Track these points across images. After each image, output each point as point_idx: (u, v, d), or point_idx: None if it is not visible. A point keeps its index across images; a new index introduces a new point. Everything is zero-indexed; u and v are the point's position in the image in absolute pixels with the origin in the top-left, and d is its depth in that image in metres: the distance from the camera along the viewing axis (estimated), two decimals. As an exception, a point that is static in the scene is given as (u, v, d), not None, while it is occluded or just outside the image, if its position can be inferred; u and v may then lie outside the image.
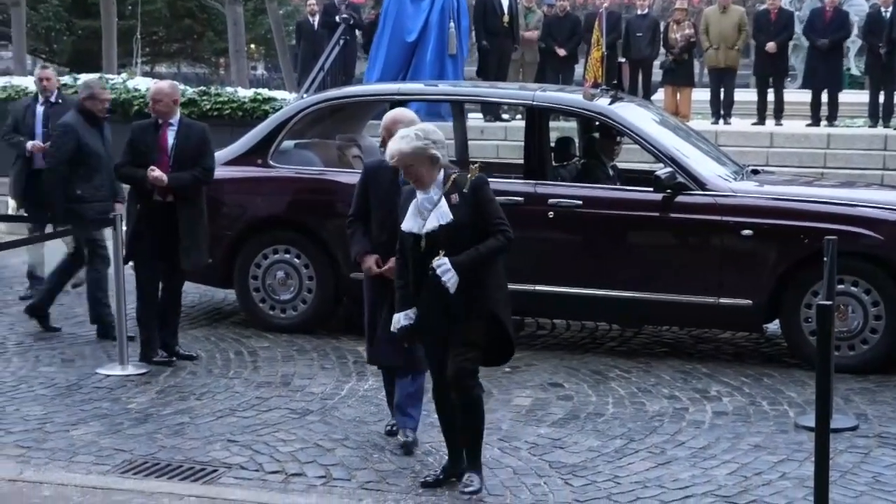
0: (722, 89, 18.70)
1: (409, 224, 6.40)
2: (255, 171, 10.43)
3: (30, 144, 11.32)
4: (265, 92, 17.65)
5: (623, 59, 18.93)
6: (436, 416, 7.89)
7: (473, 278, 6.36)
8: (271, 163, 10.41)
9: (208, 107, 16.56)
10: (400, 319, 6.55)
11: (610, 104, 10.35)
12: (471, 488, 6.53)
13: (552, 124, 11.00)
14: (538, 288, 9.64)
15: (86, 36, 30.11)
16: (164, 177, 8.99)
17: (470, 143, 13.11)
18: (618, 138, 10.44)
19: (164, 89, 9.47)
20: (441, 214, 6.27)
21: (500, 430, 7.85)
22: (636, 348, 10.04)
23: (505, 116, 17.88)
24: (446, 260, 6.23)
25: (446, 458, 6.81)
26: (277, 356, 9.54)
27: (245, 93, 17.40)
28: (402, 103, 10.94)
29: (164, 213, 9.15)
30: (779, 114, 18.50)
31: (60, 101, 11.75)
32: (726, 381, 9.00)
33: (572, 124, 11.91)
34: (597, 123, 10.67)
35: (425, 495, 6.69)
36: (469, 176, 6.44)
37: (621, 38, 19.36)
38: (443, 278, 6.24)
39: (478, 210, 6.33)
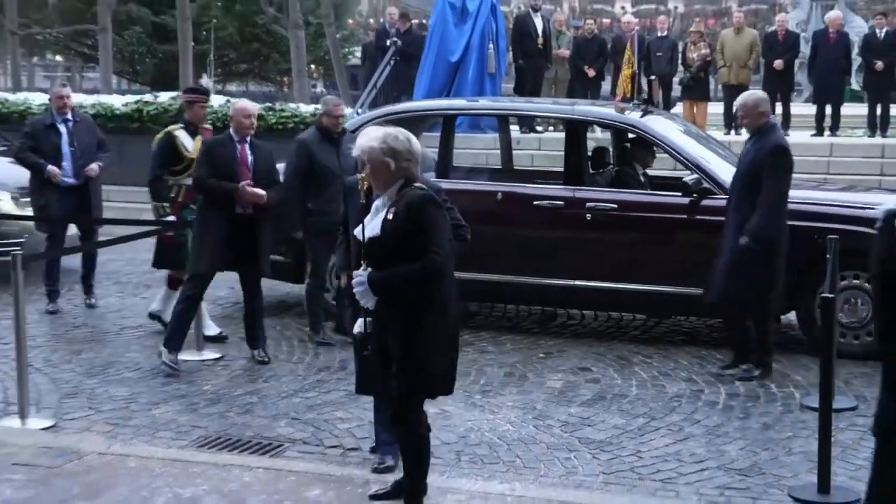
0: (734, 103, 18.66)
1: (359, 228, 5.54)
2: None
3: (50, 169, 10.70)
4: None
5: (653, 77, 18.95)
6: (476, 393, 7.98)
7: (408, 318, 5.42)
8: None
9: (274, 121, 16.62)
10: (357, 325, 5.76)
11: (641, 117, 10.38)
12: None
13: (588, 135, 11.02)
14: (576, 283, 9.66)
15: (165, 58, 30.26)
16: (263, 193, 8.81)
17: (493, 152, 13.24)
18: (652, 148, 10.41)
19: (250, 108, 9.18)
20: (374, 226, 5.43)
21: (535, 409, 7.86)
22: (657, 336, 10.02)
23: (539, 128, 17.88)
24: (364, 275, 5.39)
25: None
26: (336, 343, 9.57)
27: (306, 108, 17.46)
28: (454, 117, 11.12)
29: (244, 224, 8.89)
30: (786, 125, 18.39)
31: (78, 119, 11.27)
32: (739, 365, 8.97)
33: (606, 135, 11.88)
34: (629, 135, 10.69)
35: (467, 467, 6.72)
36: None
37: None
38: (355, 290, 5.44)
39: (409, 230, 5.33)
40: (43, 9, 32.09)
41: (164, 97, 18.25)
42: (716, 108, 19.72)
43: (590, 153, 10.89)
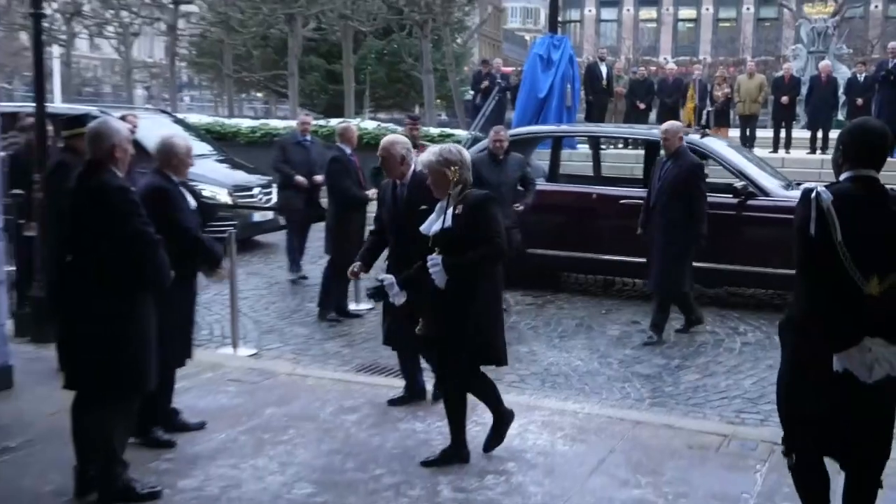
0: (748, 129, 18.26)
1: (425, 226, 5.00)
2: None
3: (298, 179, 10.23)
4: (448, 130, 17.70)
5: (710, 108, 18.54)
6: (555, 338, 7.88)
7: (461, 290, 4.85)
8: None
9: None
10: (393, 284, 5.16)
11: (701, 138, 10.06)
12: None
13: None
14: (642, 259, 9.43)
15: (335, 95, 30.52)
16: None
17: (575, 164, 12.98)
18: (709, 160, 9.95)
19: (354, 129, 9.03)
20: (444, 220, 4.88)
21: (599, 350, 7.77)
22: (689, 299, 9.80)
23: (602, 146, 17.59)
24: (438, 258, 4.82)
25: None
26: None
27: (434, 130, 17.46)
28: (562, 138, 11.29)
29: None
30: (788, 146, 17.93)
31: (313, 140, 10.89)
32: (751, 321, 8.76)
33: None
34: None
35: (549, 392, 6.65)
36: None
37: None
38: (431, 271, 4.84)
39: (475, 223, 4.81)
40: (249, 59, 32.60)
41: (334, 122, 18.37)
42: (734, 133, 19.28)
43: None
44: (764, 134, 19.07)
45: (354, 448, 5.25)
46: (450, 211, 4.90)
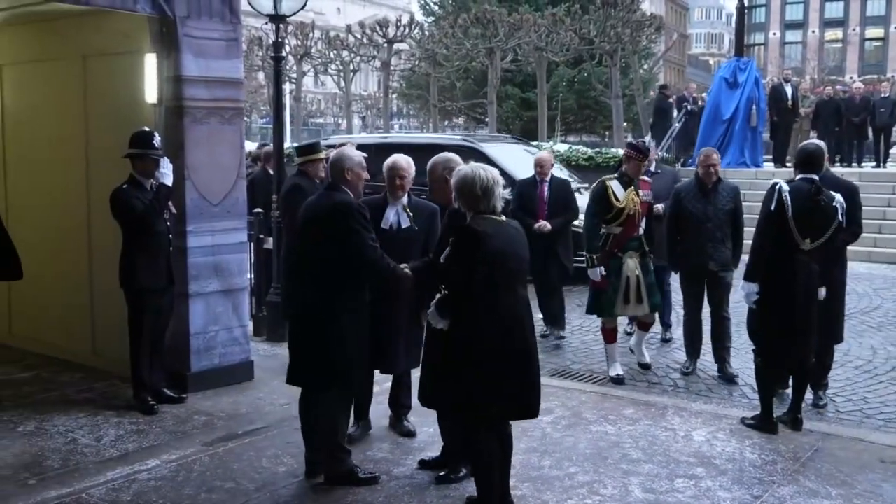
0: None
1: None
2: None
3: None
4: (635, 151, 17.34)
5: None
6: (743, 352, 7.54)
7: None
8: None
9: (600, 160, 16.45)
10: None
11: None
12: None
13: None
14: None
15: (528, 121, 30.65)
16: (549, 225, 8.02)
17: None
18: None
19: (548, 158, 8.42)
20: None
21: (786, 363, 7.36)
22: (880, 318, 9.12)
23: None
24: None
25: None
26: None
27: (622, 151, 17.17)
28: None
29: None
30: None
31: (663, 170, 8.66)
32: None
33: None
34: None
35: (737, 401, 6.37)
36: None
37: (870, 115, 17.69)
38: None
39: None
40: (452, 90, 33.30)
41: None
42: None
43: None
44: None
45: (550, 447, 5.23)
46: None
